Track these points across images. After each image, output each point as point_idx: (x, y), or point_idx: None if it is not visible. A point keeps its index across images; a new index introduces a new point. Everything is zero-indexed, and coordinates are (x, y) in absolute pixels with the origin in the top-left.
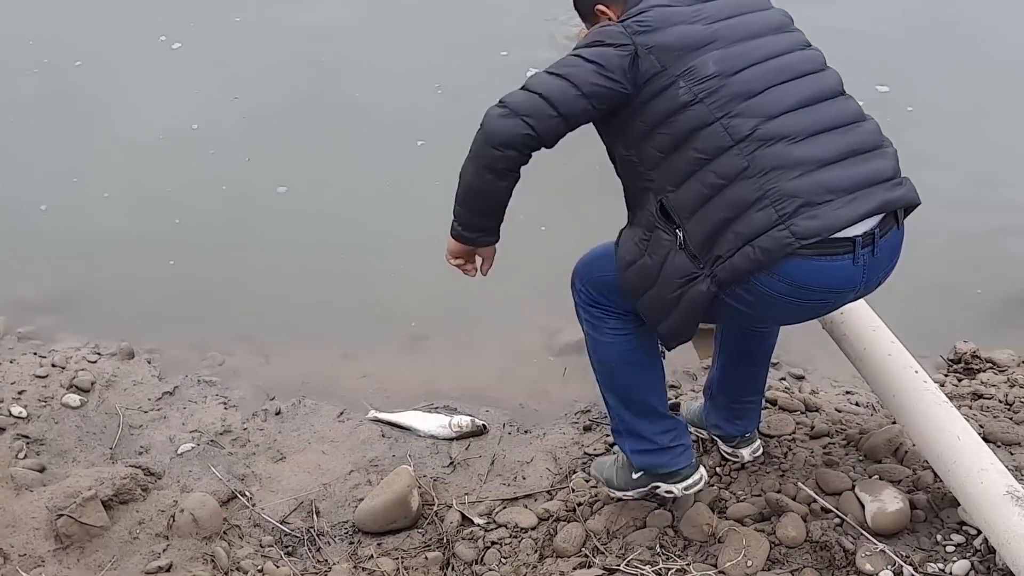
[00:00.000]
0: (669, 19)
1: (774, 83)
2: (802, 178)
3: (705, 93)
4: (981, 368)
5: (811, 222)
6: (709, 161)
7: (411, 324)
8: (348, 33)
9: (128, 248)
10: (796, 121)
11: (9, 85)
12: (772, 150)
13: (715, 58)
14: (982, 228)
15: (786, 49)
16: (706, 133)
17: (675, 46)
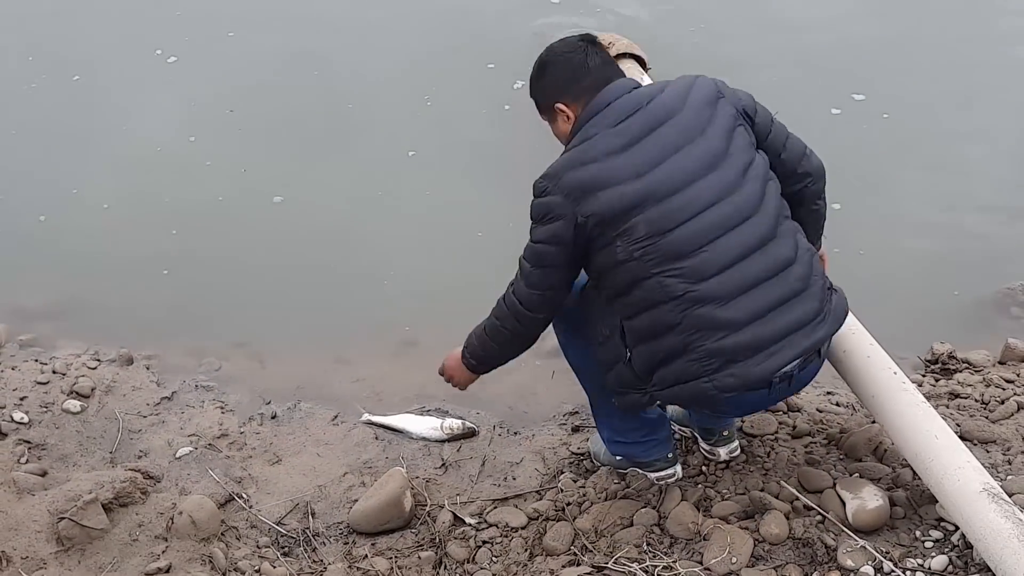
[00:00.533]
0: (603, 181)
1: (707, 241)
2: (726, 339)
3: (640, 252)
4: (957, 368)
5: (731, 379)
6: (646, 310)
7: (403, 330)
8: (339, 47)
9: (126, 257)
10: (726, 282)
11: (8, 99)
12: (701, 312)
13: (646, 220)
14: (957, 232)
15: (721, 194)
16: (645, 286)
17: (608, 213)
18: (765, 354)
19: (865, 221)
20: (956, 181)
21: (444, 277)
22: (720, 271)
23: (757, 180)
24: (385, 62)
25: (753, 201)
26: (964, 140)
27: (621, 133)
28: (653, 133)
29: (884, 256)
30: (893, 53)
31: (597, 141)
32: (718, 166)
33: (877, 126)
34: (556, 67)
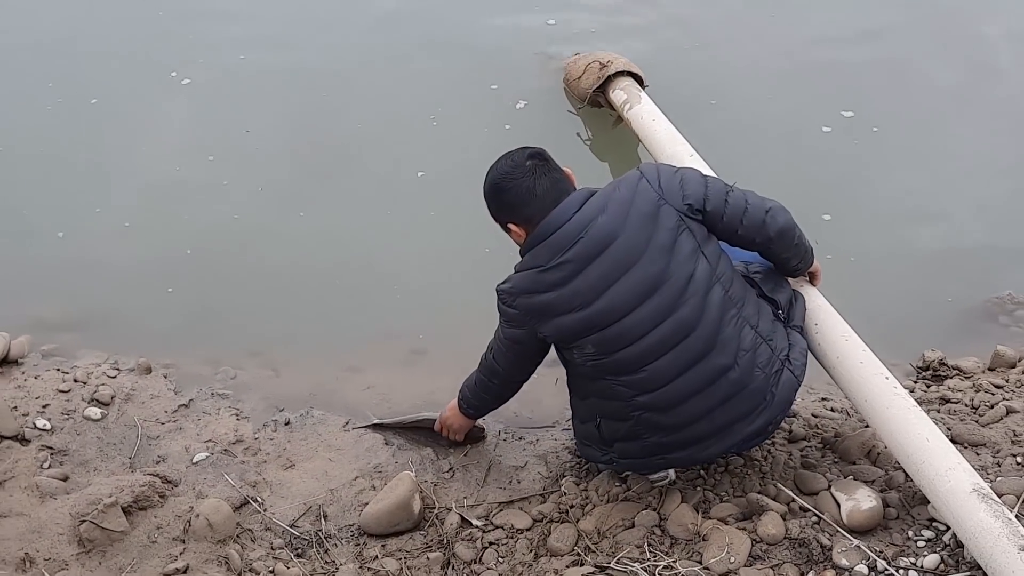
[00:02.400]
0: (552, 309)
1: (647, 363)
2: (668, 438)
3: (592, 364)
4: (948, 375)
5: (680, 458)
6: (604, 401)
7: (412, 339)
8: (348, 69)
9: (146, 271)
10: (669, 394)
11: (28, 121)
12: (646, 416)
13: (594, 342)
14: (946, 242)
15: (662, 315)
16: (599, 385)
17: (560, 335)
18: (706, 444)
19: (856, 231)
20: (945, 192)
21: (452, 290)
22: (661, 387)
23: (697, 295)
24: (393, 84)
25: (693, 317)
26: (953, 153)
27: (563, 267)
28: (595, 262)
29: (875, 266)
30: (880, 70)
31: (545, 275)
32: (658, 289)
33: (867, 140)
34: (507, 193)
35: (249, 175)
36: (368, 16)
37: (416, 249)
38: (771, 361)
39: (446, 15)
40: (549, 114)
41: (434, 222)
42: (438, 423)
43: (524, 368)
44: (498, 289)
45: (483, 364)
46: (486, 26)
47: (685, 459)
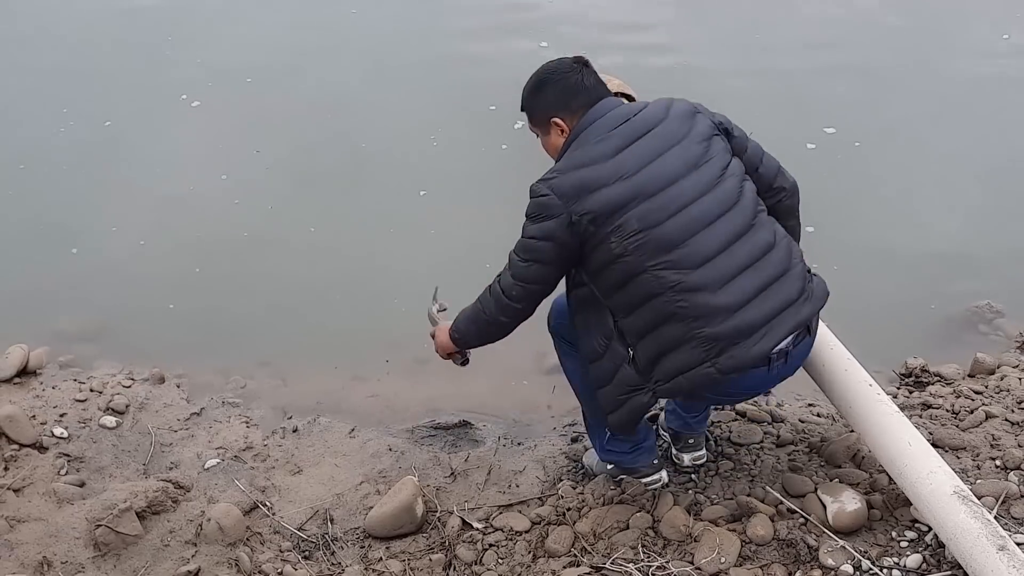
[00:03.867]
0: (594, 183)
1: (694, 232)
2: (723, 324)
3: (634, 247)
4: (930, 381)
5: (732, 361)
6: (644, 303)
7: (415, 348)
8: (350, 91)
9: (159, 286)
10: (715, 269)
11: (43, 144)
12: (696, 299)
13: (637, 215)
14: (927, 253)
15: (703, 190)
16: (639, 281)
17: (602, 211)
18: (759, 335)
19: (839, 241)
20: (925, 205)
21: (453, 302)
22: (707, 260)
23: (734, 178)
24: (395, 106)
25: (731, 196)
26: (932, 166)
27: (610, 142)
28: (638, 141)
29: (859, 276)
30: (858, 87)
31: (589, 149)
32: (698, 167)
33: (850, 155)
34: (554, 85)
35: (259, 193)
36: (368, 40)
37: (419, 263)
38: (801, 258)
39: (444, 39)
40: None
41: (435, 238)
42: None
43: (527, 295)
44: (533, 185)
45: (483, 293)
46: (483, 48)
47: (737, 360)
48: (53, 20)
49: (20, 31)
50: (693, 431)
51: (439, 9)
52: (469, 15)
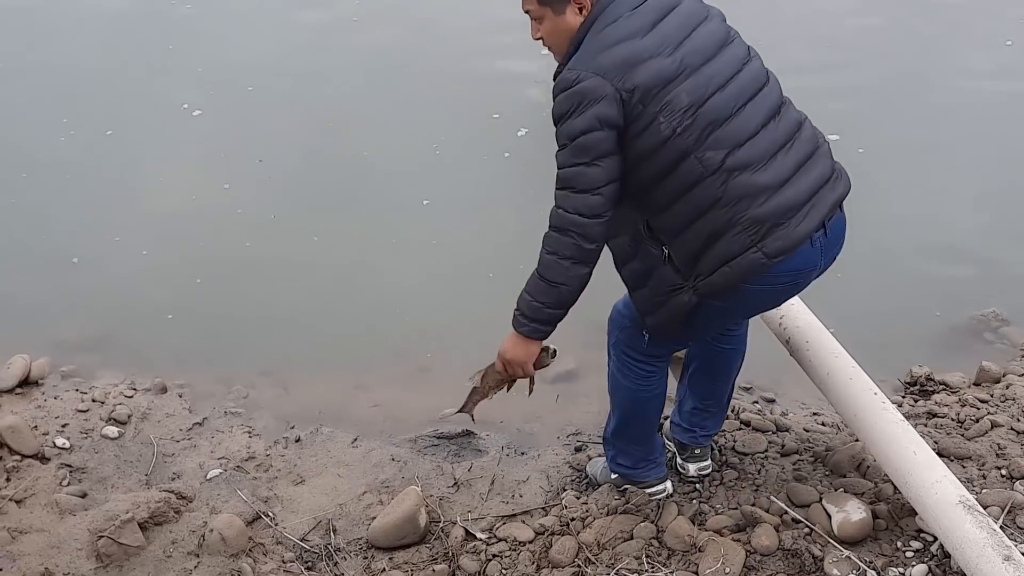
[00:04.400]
0: (639, 55)
1: (737, 108)
2: (766, 204)
3: (682, 126)
4: (935, 390)
5: (779, 243)
6: (688, 191)
7: (418, 358)
8: (353, 99)
9: (163, 294)
10: (757, 147)
11: (45, 154)
12: (740, 180)
13: (687, 89)
14: (932, 262)
15: (737, 67)
16: (684, 166)
17: (651, 84)
18: (802, 214)
19: (844, 249)
20: (930, 212)
21: (457, 311)
22: (751, 137)
23: (758, 58)
24: (397, 114)
25: (762, 72)
26: (937, 174)
27: (643, 16)
28: (667, 17)
29: (864, 283)
30: (862, 94)
31: (621, 25)
32: (729, 43)
33: (853, 162)
34: None
35: (262, 203)
36: (371, 49)
37: (422, 273)
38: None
39: (445, 49)
40: (550, 140)
41: (439, 248)
42: (498, 364)
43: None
44: (561, 76)
45: (546, 247)
46: (488, 59)
47: (784, 242)
48: (54, 29)
49: (21, 40)
50: (699, 442)
51: (440, 20)
52: (470, 25)
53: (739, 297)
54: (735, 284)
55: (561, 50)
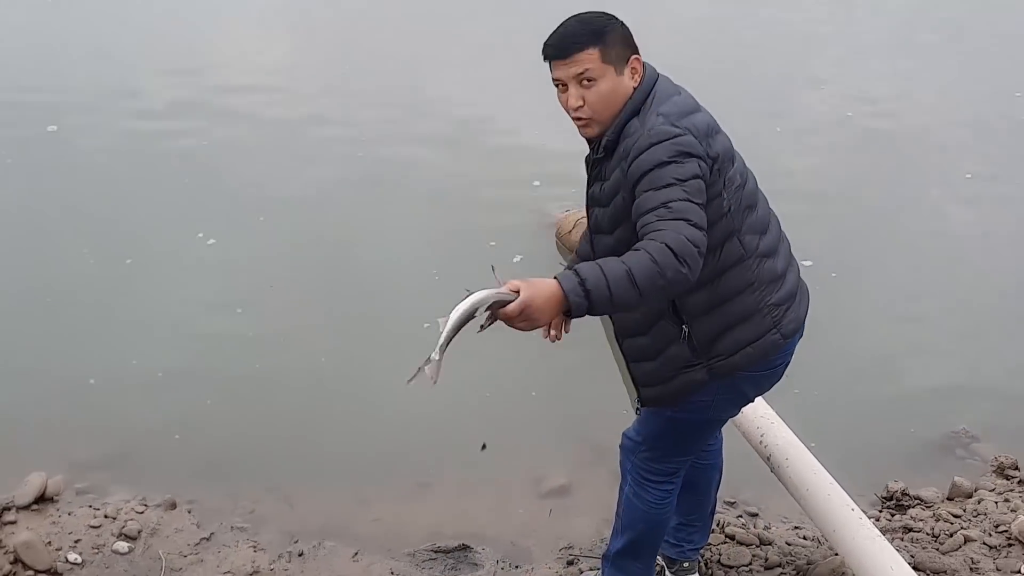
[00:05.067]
0: (712, 127)
1: (756, 196)
2: (781, 290)
3: (734, 206)
4: (911, 504)
5: (792, 325)
6: (726, 271)
7: (418, 473)
8: (358, 227)
9: (176, 414)
10: (772, 235)
11: (65, 282)
12: (767, 265)
13: (739, 171)
14: (907, 378)
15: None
16: (729, 246)
17: (724, 157)
18: (798, 299)
19: (822, 368)
20: (901, 332)
21: (456, 429)
22: (767, 225)
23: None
24: (400, 242)
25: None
26: (908, 297)
27: (688, 95)
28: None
29: (841, 401)
30: (834, 221)
31: (682, 99)
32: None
33: (827, 286)
34: (622, 25)
35: (272, 326)
36: (374, 178)
37: (421, 393)
38: None
39: (446, 178)
40: (543, 266)
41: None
42: (516, 307)
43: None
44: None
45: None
46: (487, 188)
47: (794, 325)
48: (78, 162)
49: (45, 172)
50: (688, 557)
51: (438, 146)
52: (468, 153)
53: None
54: (752, 366)
55: (611, 113)
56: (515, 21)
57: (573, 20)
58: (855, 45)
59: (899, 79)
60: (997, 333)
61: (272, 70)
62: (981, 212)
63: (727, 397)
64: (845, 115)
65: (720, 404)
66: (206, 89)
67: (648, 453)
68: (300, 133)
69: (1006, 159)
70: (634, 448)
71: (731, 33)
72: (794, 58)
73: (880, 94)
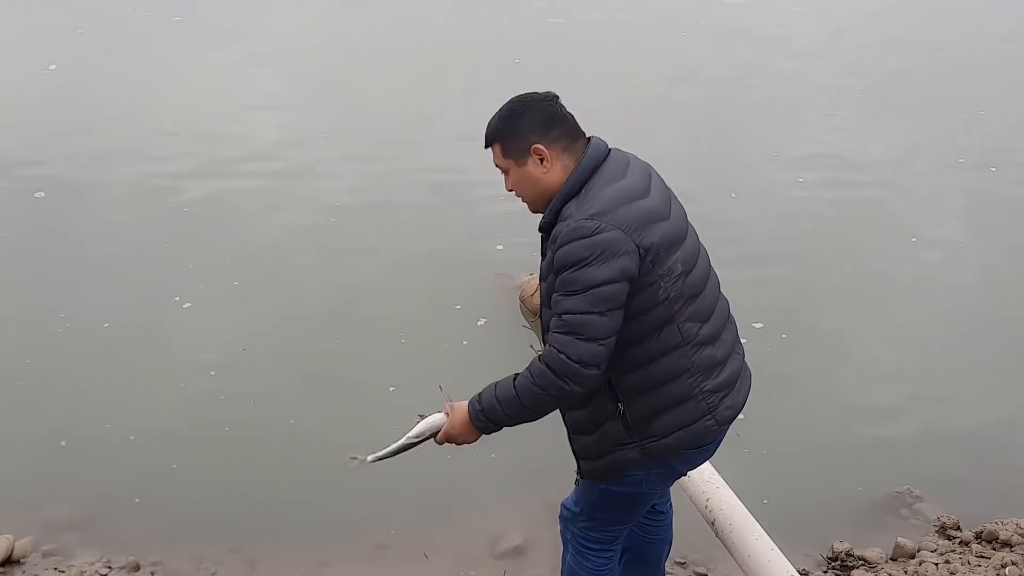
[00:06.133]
0: (652, 215)
1: (704, 284)
2: (718, 378)
3: (675, 293)
4: (855, 565)
5: (728, 412)
6: (662, 356)
7: (377, 536)
8: (329, 292)
9: (145, 477)
10: (715, 324)
11: (42, 343)
12: (705, 353)
13: (681, 259)
14: (853, 437)
15: (693, 239)
16: (666, 332)
17: (661, 246)
18: (735, 389)
19: (769, 427)
20: (846, 392)
21: (416, 491)
22: (711, 313)
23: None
24: (367, 308)
25: (708, 262)
26: (852, 357)
27: (637, 176)
28: (651, 181)
29: (788, 460)
30: (781, 285)
31: (624, 184)
32: (688, 225)
33: (777, 345)
34: (533, 112)
35: (244, 389)
36: (343, 246)
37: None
38: None
39: (417, 237)
40: (506, 329)
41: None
42: (441, 436)
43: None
44: (578, 223)
45: (535, 375)
46: (454, 253)
47: (730, 412)
48: (60, 223)
49: (25, 229)
50: None
51: (411, 208)
52: (438, 215)
53: (679, 460)
54: (684, 448)
55: (538, 197)
56: (503, 72)
57: (495, 114)
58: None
59: (852, 142)
60: (943, 393)
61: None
62: (926, 274)
63: (660, 473)
64: (796, 180)
65: (653, 480)
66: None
67: (586, 523)
68: (276, 190)
69: (953, 221)
70: (572, 518)
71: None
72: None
73: (833, 160)
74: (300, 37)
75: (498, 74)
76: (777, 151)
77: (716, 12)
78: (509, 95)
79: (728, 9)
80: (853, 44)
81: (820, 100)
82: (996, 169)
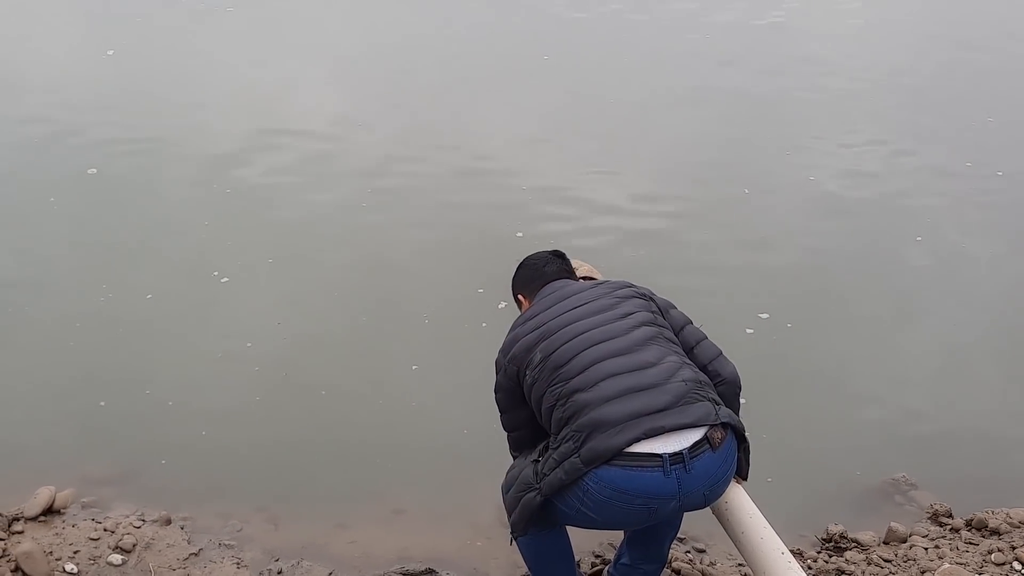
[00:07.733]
0: (518, 336)
1: (577, 352)
2: (586, 416)
3: (539, 373)
4: (848, 547)
5: (590, 453)
6: (550, 415)
7: (394, 501)
8: (357, 273)
9: (181, 438)
10: (588, 375)
11: (90, 313)
12: (575, 398)
13: (541, 349)
14: (854, 423)
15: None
16: (545, 399)
17: (520, 355)
18: (615, 430)
19: (771, 414)
20: (851, 380)
21: (435, 462)
22: (584, 369)
23: (632, 318)
24: (393, 288)
25: (620, 329)
26: (858, 344)
27: (541, 307)
28: (563, 302)
29: (789, 445)
30: (786, 274)
31: (523, 316)
32: (599, 312)
33: (783, 335)
34: (524, 270)
35: (277, 361)
36: (371, 228)
37: (406, 428)
38: (694, 382)
39: (437, 230)
40: None
41: (420, 409)
42: None
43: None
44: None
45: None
46: (474, 236)
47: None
48: (108, 204)
49: (75, 214)
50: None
51: (429, 203)
52: (459, 208)
53: (595, 503)
54: (568, 485)
55: None
56: (527, 64)
57: None
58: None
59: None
60: (942, 384)
61: (287, 116)
62: (930, 270)
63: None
64: (807, 179)
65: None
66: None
67: None
68: (312, 172)
69: (956, 220)
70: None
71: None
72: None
73: (842, 157)
74: (342, 28)
75: (524, 66)
76: (790, 149)
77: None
78: (536, 88)
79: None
80: (863, 47)
81: (832, 101)
82: (1003, 174)
